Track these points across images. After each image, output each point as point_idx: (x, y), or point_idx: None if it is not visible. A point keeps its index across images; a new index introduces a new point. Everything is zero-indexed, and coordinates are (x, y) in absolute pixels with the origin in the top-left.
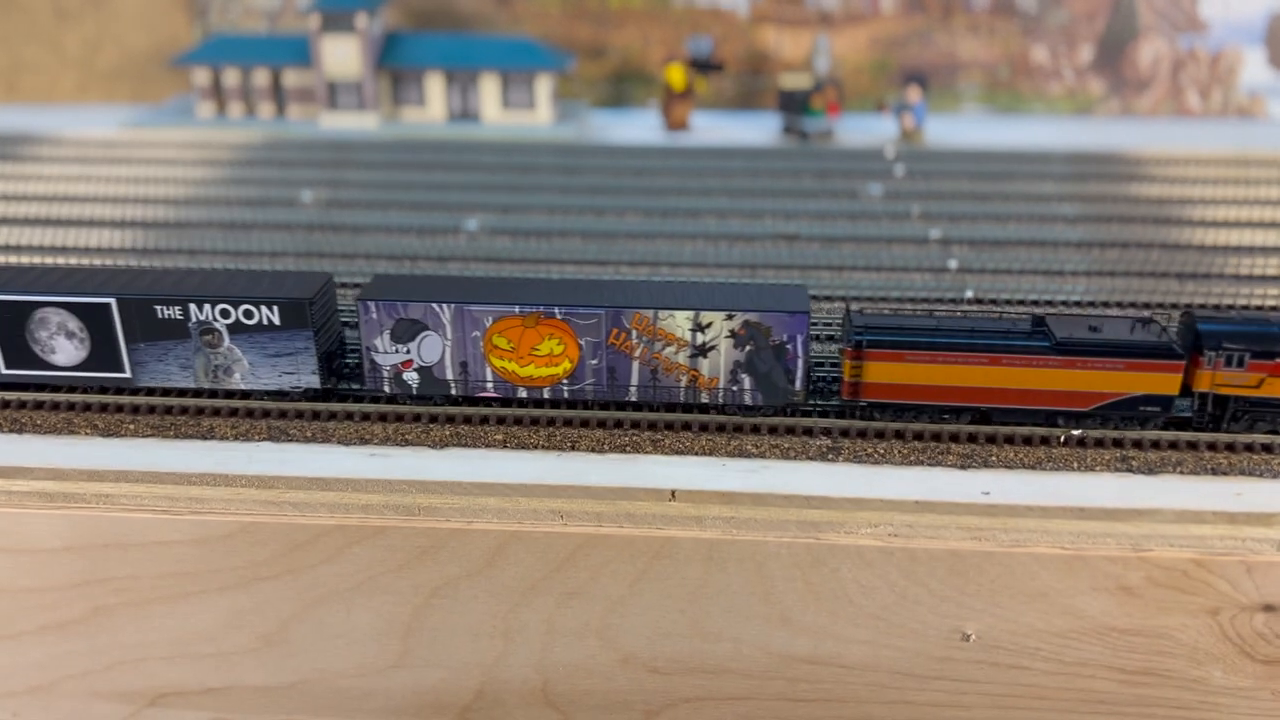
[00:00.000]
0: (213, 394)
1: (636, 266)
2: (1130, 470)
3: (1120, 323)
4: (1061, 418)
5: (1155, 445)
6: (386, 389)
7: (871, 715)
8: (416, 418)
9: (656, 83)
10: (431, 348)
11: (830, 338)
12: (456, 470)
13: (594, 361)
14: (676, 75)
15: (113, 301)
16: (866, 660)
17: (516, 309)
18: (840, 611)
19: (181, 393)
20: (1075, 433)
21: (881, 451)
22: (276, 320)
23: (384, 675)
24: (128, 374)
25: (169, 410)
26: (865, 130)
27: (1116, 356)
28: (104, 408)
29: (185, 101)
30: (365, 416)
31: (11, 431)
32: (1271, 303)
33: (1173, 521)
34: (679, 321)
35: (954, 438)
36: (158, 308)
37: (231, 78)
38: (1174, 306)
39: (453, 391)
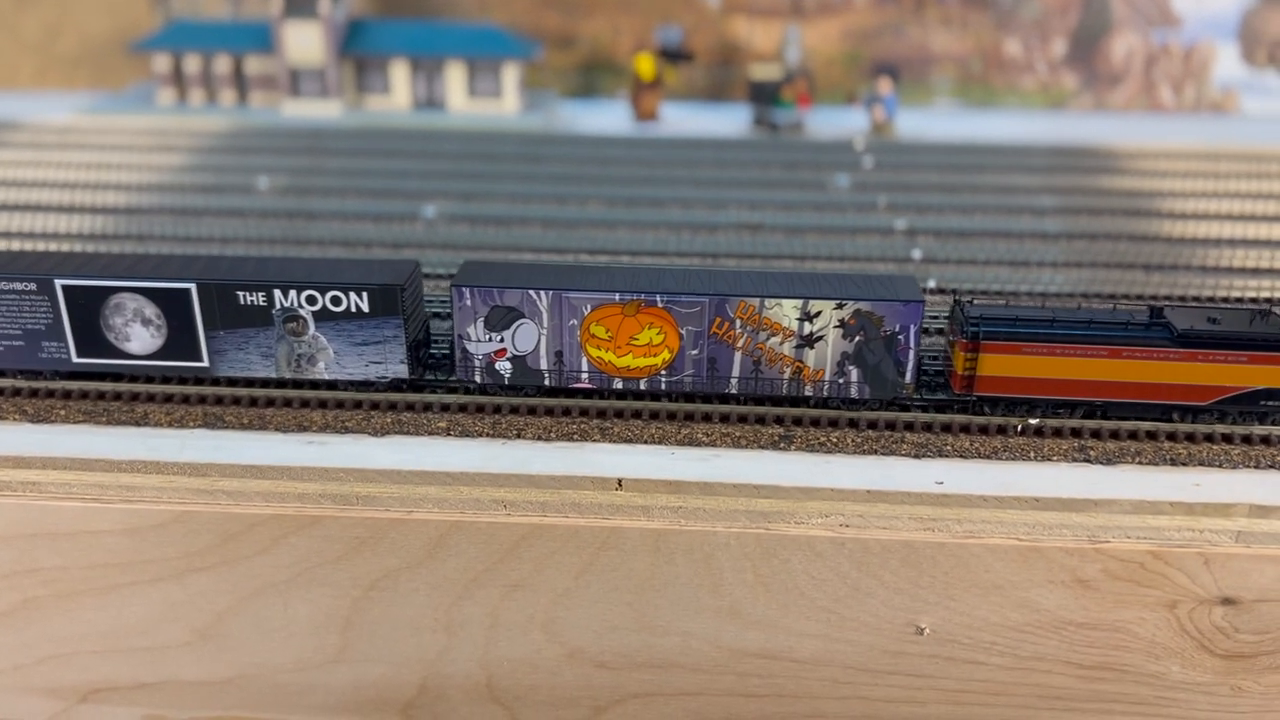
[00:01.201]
0: (148, 379)
1: (596, 254)
2: (1088, 460)
3: (1238, 314)
4: (1178, 412)
5: (1114, 435)
6: (478, 379)
7: (824, 711)
8: (358, 404)
9: (626, 73)
10: (526, 336)
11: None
12: (396, 458)
13: (694, 352)
14: (646, 65)
15: (193, 287)
16: (819, 654)
17: (616, 296)
18: (791, 604)
19: (117, 378)
20: (1032, 422)
21: (835, 440)
22: (365, 307)
23: (324, 670)
24: (205, 363)
25: (102, 396)
26: (836, 123)
27: (1240, 349)
28: (34, 393)
29: (146, 88)
30: (304, 403)
31: None
32: (1236, 294)
33: (1129, 512)
34: (786, 310)
35: (909, 426)
36: (240, 293)
37: (193, 64)
38: (1139, 298)
39: (546, 382)
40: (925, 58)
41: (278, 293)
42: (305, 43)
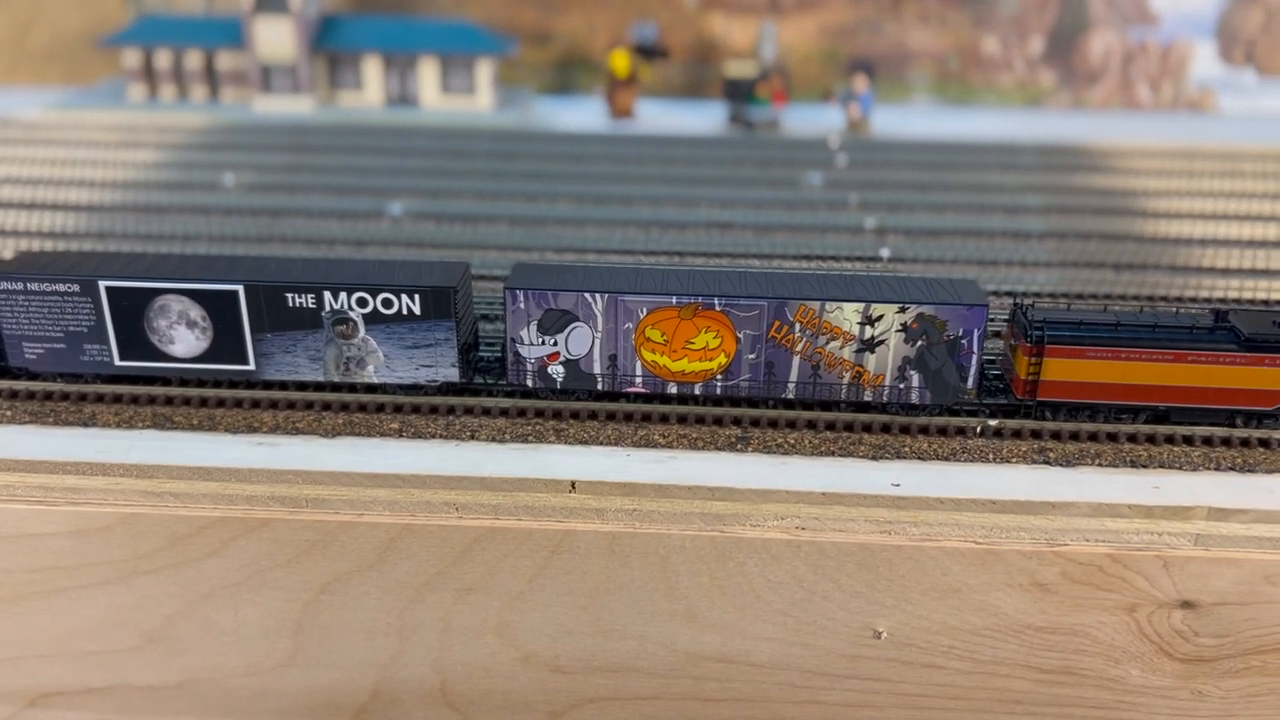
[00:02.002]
0: (95, 378)
1: (562, 253)
2: (1048, 463)
3: None
4: (1240, 417)
5: (1074, 437)
6: (529, 383)
7: (782, 715)
8: (309, 405)
9: (601, 70)
10: (580, 340)
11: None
12: (346, 460)
13: (752, 356)
14: (621, 62)
15: (240, 289)
16: (776, 658)
17: (673, 299)
18: (747, 608)
19: (70, 379)
20: (991, 423)
21: (792, 442)
22: (417, 310)
23: (275, 674)
24: (251, 366)
25: (49, 396)
26: (812, 120)
27: None
28: None
29: (117, 84)
30: (255, 404)
31: None
32: (1205, 294)
33: (1088, 515)
34: (847, 314)
35: (866, 428)
36: (289, 295)
37: (163, 59)
38: (1108, 297)
39: (599, 386)
40: (903, 55)
41: (328, 295)
42: (277, 38)
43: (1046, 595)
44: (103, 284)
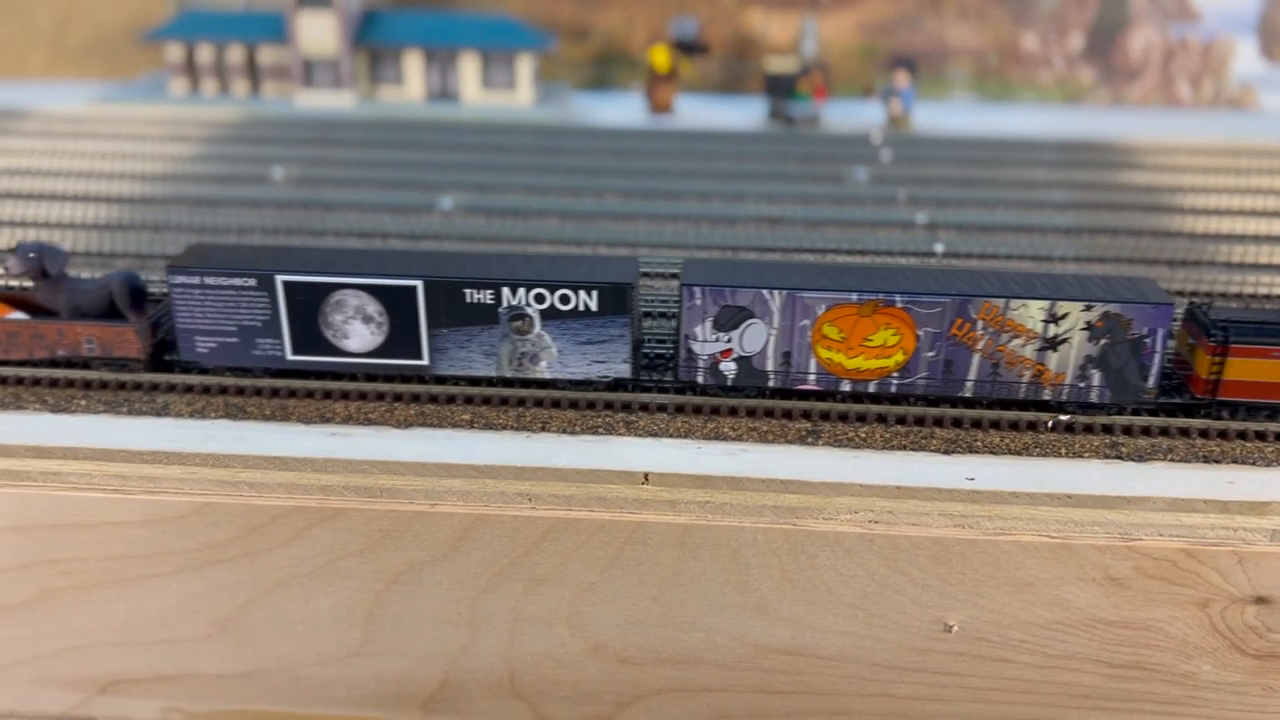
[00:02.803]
0: (264, 373)
1: (615, 247)
2: (1120, 457)
3: None
4: None
5: (1145, 432)
6: (700, 380)
7: (850, 708)
8: (380, 396)
9: (640, 65)
10: (755, 336)
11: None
12: (420, 450)
13: (931, 354)
14: (661, 57)
15: (419, 284)
16: (845, 651)
17: (854, 296)
18: (818, 601)
19: (240, 373)
20: (1063, 418)
21: (863, 435)
22: (594, 306)
23: (344, 664)
24: (425, 361)
25: (122, 386)
26: (852, 116)
27: None
28: (54, 382)
29: (158, 78)
30: (327, 394)
31: None
32: (1264, 290)
33: (1163, 510)
34: (1032, 312)
35: (938, 422)
36: (467, 291)
37: (205, 54)
38: (1179, 294)
39: (771, 383)
40: (941, 51)
41: (506, 290)
42: (319, 33)
43: (1119, 590)
44: (280, 278)
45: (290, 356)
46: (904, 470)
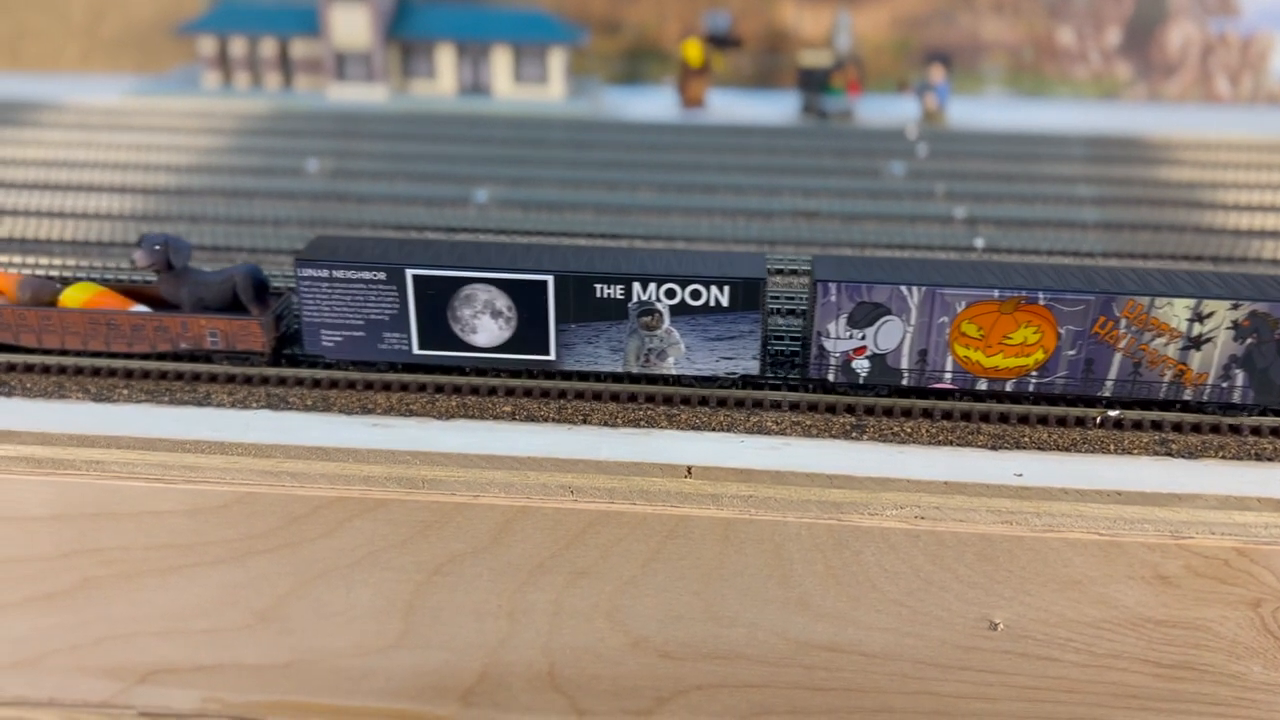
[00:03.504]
0: (208, 359)
1: (651, 240)
2: (1170, 454)
3: None
4: None
5: (1196, 429)
6: (830, 377)
7: (892, 706)
8: (421, 387)
9: (672, 59)
10: (890, 334)
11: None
12: (462, 442)
13: (1071, 352)
14: (693, 51)
15: (550, 279)
16: (888, 648)
17: (995, 293)
18: (862, 597)
19: (176, 357)
20: (1112, 414)
21: (909, 430)
22: (725, 301)
23: (383, 655)
24: (552, 356)
25: (164, 375)
26: (885, 110)
27: None
28: (96, 371)
29: (190, 71)
30: (369, 385)
31: (0, 394)
32: None
33: (1215, 508)
34: (1177, 310)
35: (984, 417)
36: (597, 286)
37: (238, 47)
38: None
39: (904, 382)
40: (976, 46)
41: (636, 285)
42: (352, 26)
43: (1169, 588)
44: (410, 272)
45: (416, 351)
46: (951, 466)
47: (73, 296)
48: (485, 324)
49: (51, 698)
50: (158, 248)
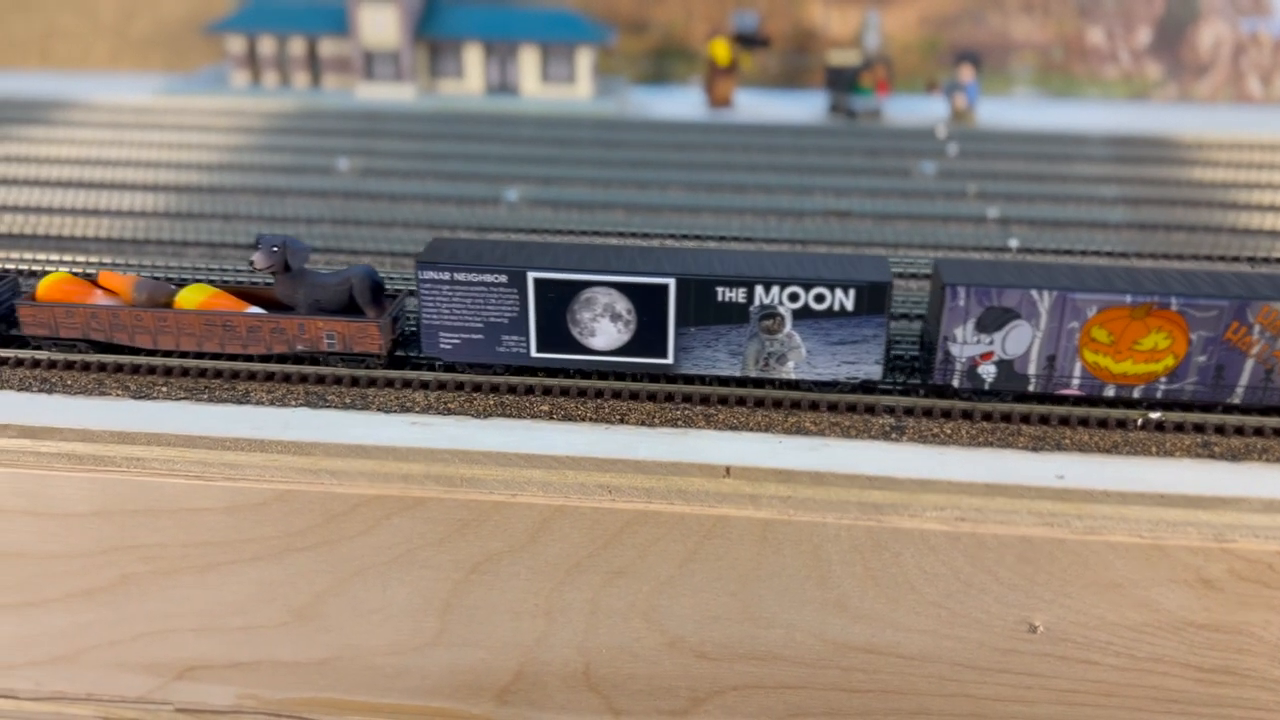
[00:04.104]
0: (247, 357)
1: (683, 240)
2: (1212, 456)
3: None
4: None
5: (1239, 431)
6: (956, 383)
7: (929, 708)
8: (459, 386)
9: (698, 59)
10: (1019, 339)
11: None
12: (501, 441)
13: (1202, 358)
14: (721, 50)
15: (671, 282)
16: (926, 650)
17: (1128, 298)
18: (901, 599)
19: (215, 355)
20: (1154, 416)
21: (949, 431)
22: (850, 305)
23: (419, 653)
24: (670, 360)
25: (203, 373)
26: (912, 110)
27: None
28: (135, 369)
29: (219, 70)
30: (406, 384)
31: (41, 391)
32: None
33: (1259, 511)
34: None
35: (1024, 419)
36: (719, 289)
37: (267, 46)
38: None
39: (1031, 388)
40: (1005, 46)
41: (759, 289)
42: (381, 25)
43: (1211, 592)
44: (532, 275)
45: (534, 354)
46: (992, 467)
47: (188, 298)
48: (604, 327)
49: (89, 693)
50: (275, 249)
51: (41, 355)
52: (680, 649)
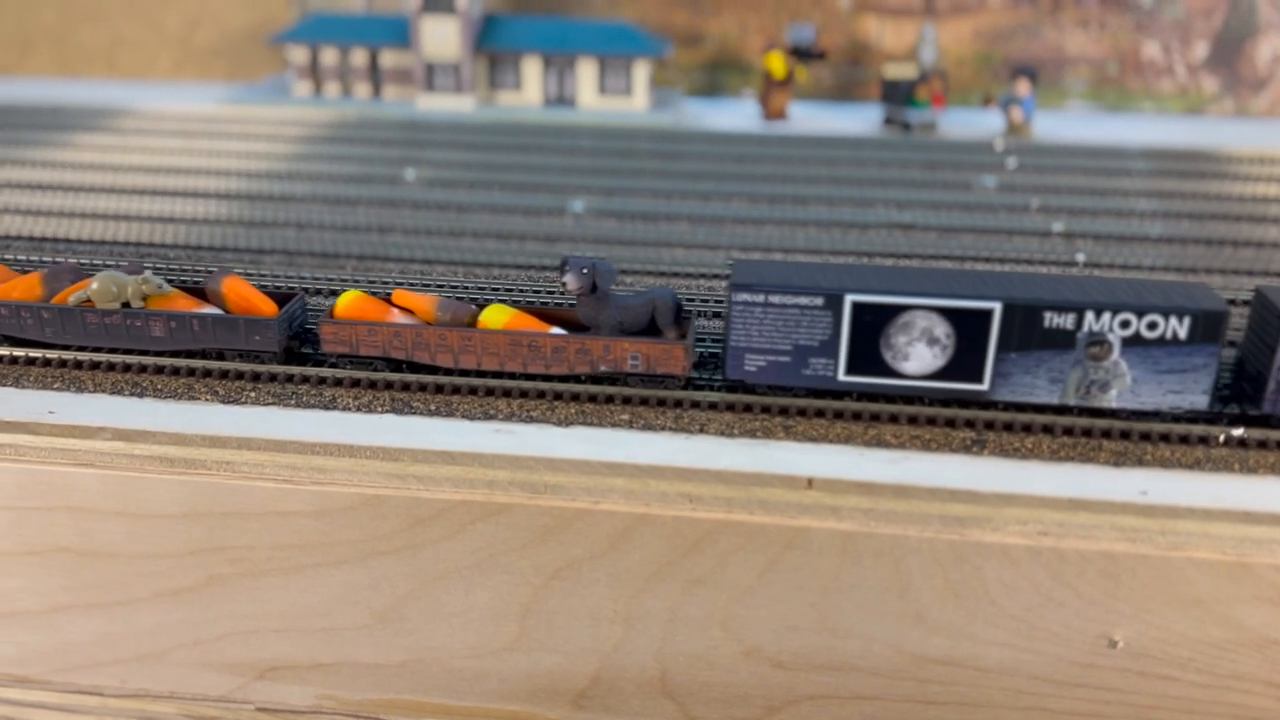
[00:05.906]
0: (333, 364)
1: (748, 251)
2: None
3: None
4: None
5: None
6: None
7: None
8: (540, 394)
9: (752, 71)
10: None
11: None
12: (584, 449)
13: None
14: (777, 63)
15: (998, 307)
16: (1004, 664)
17: None
18: (980, 612)
19: (302, 360)
20: (1236, 433)
21: (1029, 446)
22: (1183, 334)
23: (498, 657)
24: (984, 386)
25: (290, 379)
26: (966, 123)
27: None
28: (224, 374)
29: (281, 80)
30: (489, 391)
31: (132, 395)
32: None
33: None
34: None
35: (1105, 434)
36: (1046, 315)
37: (329, 57)
38: None
39: None
40: (1059, 60)
41: (1089, 315)
42: (442, 37)
43: None
44: (849, 298)
45: (842, 377)
46: (1075, 482)
47: (492, 318)
48: (919, 351)
49: (172, 691)
50: (585, 271)
51: (131, 360)
52: (757, 658)
